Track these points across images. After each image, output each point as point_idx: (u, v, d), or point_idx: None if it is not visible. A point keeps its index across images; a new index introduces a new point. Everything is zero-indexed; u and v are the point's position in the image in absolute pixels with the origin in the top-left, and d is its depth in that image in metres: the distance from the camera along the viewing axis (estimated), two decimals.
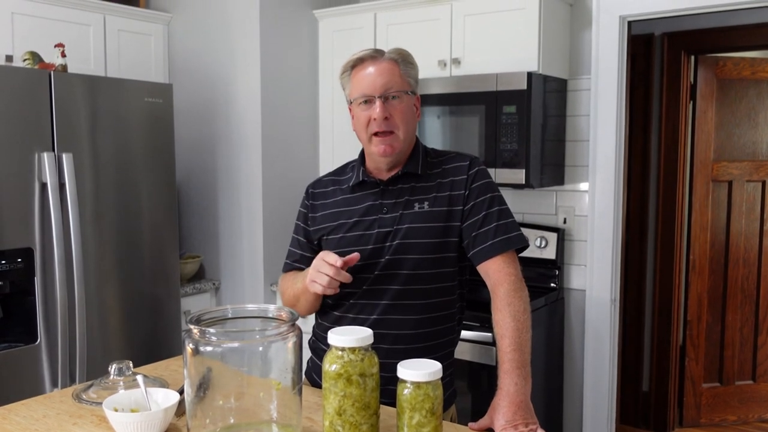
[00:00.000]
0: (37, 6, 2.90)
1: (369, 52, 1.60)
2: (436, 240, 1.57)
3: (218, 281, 3.38)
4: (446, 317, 1.63)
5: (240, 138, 3.23)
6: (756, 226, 3.75)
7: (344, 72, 1.63)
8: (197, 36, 3.34)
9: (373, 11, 3.15)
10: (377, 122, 1.55)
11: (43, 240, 2.48)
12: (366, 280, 1.59)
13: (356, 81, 1.59)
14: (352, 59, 1.60)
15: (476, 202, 1.58)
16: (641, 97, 3.71)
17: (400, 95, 1.57)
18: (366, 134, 1.59)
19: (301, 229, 1.74)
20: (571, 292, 3.06)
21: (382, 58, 1.59)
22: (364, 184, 1.64)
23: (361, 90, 1.57)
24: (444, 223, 1.58)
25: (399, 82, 1.58)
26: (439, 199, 1.59)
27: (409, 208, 1.59)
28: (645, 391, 3.87)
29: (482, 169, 1.64)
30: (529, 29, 2.74)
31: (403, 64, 1.60)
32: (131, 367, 1.53)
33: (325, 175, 1.78)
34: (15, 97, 2.39)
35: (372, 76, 1.56)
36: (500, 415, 1.32)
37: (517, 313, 1.45)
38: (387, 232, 1.58)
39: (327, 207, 1.69)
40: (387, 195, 1.61)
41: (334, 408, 1.20)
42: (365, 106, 1.57)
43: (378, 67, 1.57)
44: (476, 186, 1.60)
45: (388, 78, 1.56)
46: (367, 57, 1.59)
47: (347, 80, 1.63)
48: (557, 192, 3.07)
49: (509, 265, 1.53)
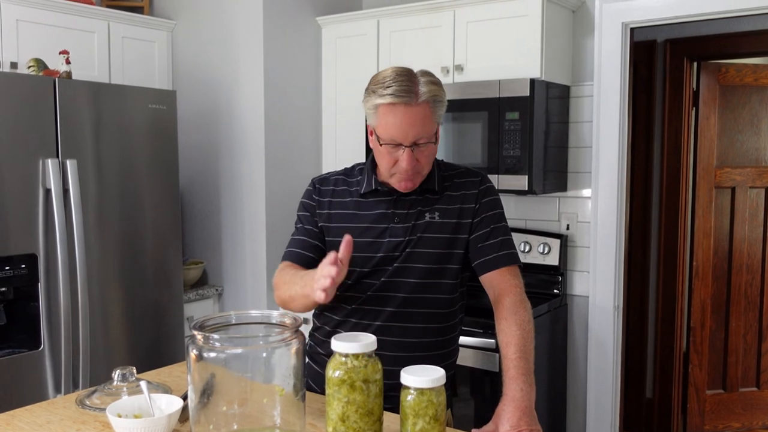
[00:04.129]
0: (42, 13, 2.92)
1: (403, 94, 1.47)
2: (442, 251, 1.60)
3: (221, 287, 3.38)
4: (448, 328, 1.66)
5: (243, 145, 3.24)
6: (759, 232, 3.74)
7: (371, 102, 1.52)
8: (201, 43, 3.35)
9: (376, 18, 3.16)
10: (405, 171, 1.53)
11: (46, 246, 2.49)
12: (371, 286, 1.60)
13: (385, 123, 1.50)
14: (385, 101, 1.48)
15: (485, 216, 1.62)
16: (644, 103, 3.71)
17: (429, 142, 1.54)
18: (388, 171, 1.57)
19: (310, 219, 1.69)
20: (574, 299, 3.06)
21: (415, 103, 1.48)
22: (376, 192, 1.64)
23: (390, 135, 1.51)
24: (451, 234, 1.61)
25: (429, 129, 1.51)
26: (449, 211, 1.62)
27: (420, 218, 1.61)
28: (648, 398, 3.85)
29: (491, 186, 1.68)
30: (531, 36, 2.75)
31: (434, 104, 1.52)
32: (134, 373, 1.53)
33: (331, 173, 1.75)
34: (20, 103, 2.40)
35: (404, 125, 1.49)
36: (505, 420, 1.33)
37: (523, 322, 1.48)
38: (398, 242, 1.59)
39: (335, 206, 1.67)
40: (400, 205, 1.62)
41: (337, 414, 1.20)
42: (391, 148, 1.53)
43: (410, 115, 1.48)
44: (486, 201, 1.64)
45: (420, 129, 1.50)
46: (400, 103, 1.48)
47: (372, 112, 1.53)
48: (560, 198, 3.07)
49: (515, 278, 1.58)
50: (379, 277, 1.60)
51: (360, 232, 1.62)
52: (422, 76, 1.52)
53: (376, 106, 1.51)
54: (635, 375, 3.82)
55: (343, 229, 1.63)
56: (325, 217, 1.67)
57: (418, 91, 1.49)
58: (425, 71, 1.55)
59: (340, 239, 1.62)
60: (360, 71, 3.19)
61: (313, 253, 1.65)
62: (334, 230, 1.65)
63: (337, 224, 1.65)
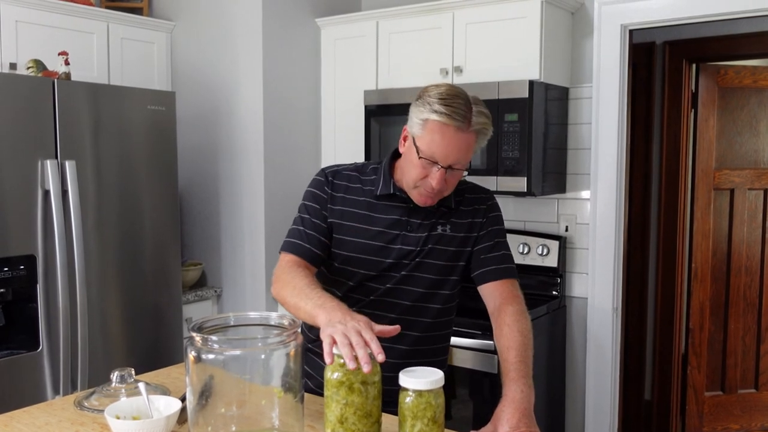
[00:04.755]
0: (42, 14, 2.92)
1: (458, 118, 1.46)
2: (447, 263, 1.64)
3: (220, 289, 3.38)
4: (441, 337, 1.71)
5: (242, 146, 3.24)
6: (758, 234, 3.74)
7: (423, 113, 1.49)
8: (200, 44, 3.35)
9: (375, 20, 3.16)
10: (431, 190, 1.53)
11: (45, 247, 2.48)
12: (375, 290, 1.61)
13: (431, 139, 1.48)
14: (439, 119, 1.46)
15: (491, 230, 1.66)
16: (642, 105, 3.71)
17: (463, 168, 1.54)
18: (414, 183, 1.55)
19: (319, 213, 1.63)
20: (573, 300, 3.06)
21: (467, 129, 1.47)
22: (392, 196, 1.63)
23: (432, 152, 1.49)
24: (458, 248, 1.64)
25: (468, 157, 1.52)
26: (459, 225, 1.65)
27: (434, 229, 1.62)
28: (647, 400, 3.85)
29: (497, 203, 1.73)
30: (530, 38, 2.75)
31: (481, 135, 1.52)
32: (133, 374, 1.53)
33: (342, 167, 1.71)
34: (19, 104, 2.40)
35: (449, 147, 1.48)
36: (504, 421, 1.33)
37: (525, 330, 1.51)
38: (410, 251, 1.61)
39: (348, 203, 1.64)
40: (415, 214, 1.62)
41: (335, 416, 1.20)
42: (427, 164, 1.51)
43: (458, 140, 1.48)
44: (492, 216, 1.69)
45: (461, 155, 1.50)
46: (452, 125, 1.46)
47: (420, 122, 1.50)
48: (559, 200, 3.07)
49: (517, 290, 1.62)
50: (385, 283, 1.61)
51: (372, 236, 1.61)
52: (475, 105, 1.50)
53: (426, 119, 1.48)
54: (634, 377, 3.82)
55: (354, 229, 1.62)
56: (337, 214, 1.63)
57: (471, 118, 1.48)
58: (477, 99, 1.53)
59: (349, 238, 1.62)
60: (359, 73, 3.19)
61: (321, 250, 1.61)
62: (345, 228, 1.63)
63: (349, 223, 1.63)
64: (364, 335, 1.19)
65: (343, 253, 1.63)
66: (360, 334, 1.19)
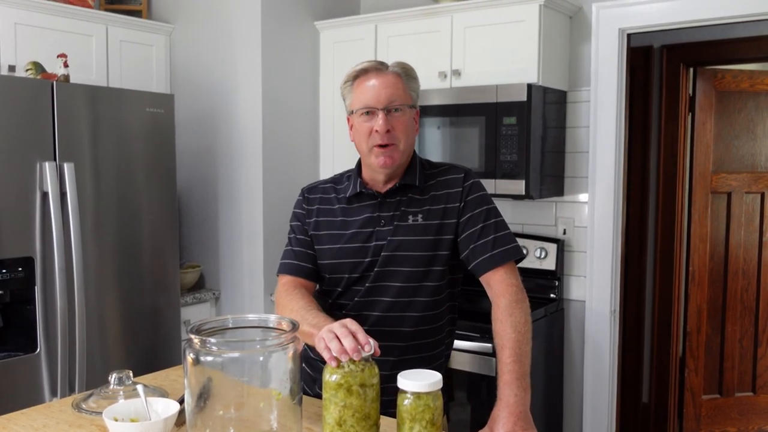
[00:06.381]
0: (40, 16, 2.92)
1: (373, 63, 1.60)
2: (426, 253, 1.59)
3: (218, 291, 3.38)
4: (435, 330, 1.64)
5: (241, 148, 3.24)
6: (755, 237, 3.75)
7: (346, 82, 1.62)
8: (199, 47, 3.36)
9: (374, 23, 3.17)
10: (380, 135, 1.55)
11: (43, 249, 2.48)
12: (357, 292, 1.61)
13: (359, 92, 1.59)
14: (356, 70, 1.60)
15: (472, 215, 1.59)
16: (640, 108, 3.72)
17: (402, 108, 1.57)
18: (366, 145, 1.58)
19: (302, 229, 1.69)
20: (571, 303, 3.06)
21: (386, 70, 1.59)
22: (361, 196, 1.64)
23: (364, 101, 1.57)
24: (435, 236, 1.59)
25: (402, 95, 1.58)
26: (432, 212, 1.60)
27: (403, 220, 1.60)
28: (645, 403, 3.86)
29: (477, 182, 1.64)
30: (529, 41, 2.76)
31: (406, 78, 1.60)
32: (131, 376, 1.53)
33: (322, 182, 1.76)
34: (17, 106, 2.40)
35: (376, 88, 1.56)
36: (500, 426, 1.33)
37: (518, 324, 1.46)
38: (382, 245, 1.59)
39: (323, 214, 1.67)
40: (384, 207, 1.62)
41: (334, 418, 1.21)
42: (367, 117, 1.57)
43: (382, 80, 1.57)
44: (472, 198, 1.60)
45: (392, 91, 1.56)
46: (371, 69, 1.58)
47: (348, 91, 1.62)
48: (557, 203, 3.08)
49: (510, 276, 1.55)
50: (364, 283, 1.60)
51: (348, 239, 1.62)
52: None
53: (350, 84, 1.60)
54: (631, 379, 3.82)
55: (330, 236, 1.63)
56: (313, 225, 1.67)
57: (387, 65, 1.61)
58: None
59: (328, 246, 1.63)
60: None
61: (311, 263, 1.65)
62: (324, 238, 1.65)
63: (325, 231, 1.65)
64: (350, 327, 1.24)
65: (326, 262, 1.64)
66: (345, 326, 1.24)
